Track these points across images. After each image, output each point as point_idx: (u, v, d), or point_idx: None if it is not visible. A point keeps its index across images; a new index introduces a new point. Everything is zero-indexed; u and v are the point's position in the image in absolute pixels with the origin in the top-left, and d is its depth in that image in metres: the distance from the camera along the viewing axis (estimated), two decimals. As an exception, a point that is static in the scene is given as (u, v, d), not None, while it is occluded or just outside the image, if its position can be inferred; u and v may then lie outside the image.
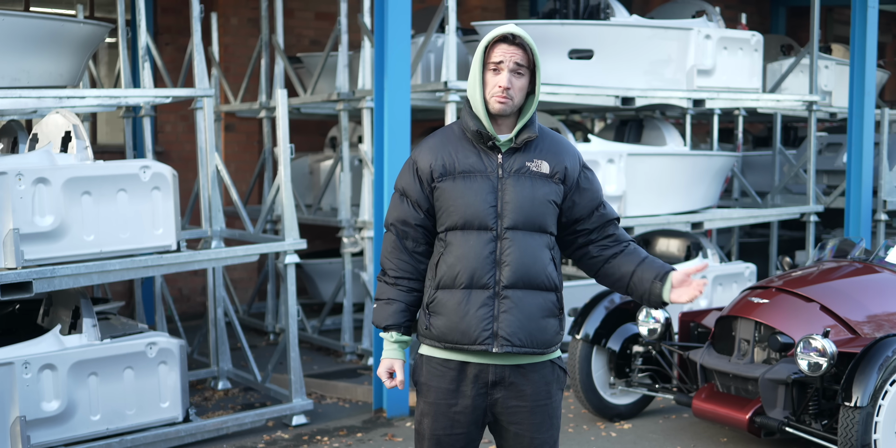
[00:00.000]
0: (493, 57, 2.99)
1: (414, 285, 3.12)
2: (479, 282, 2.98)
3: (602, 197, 3.17)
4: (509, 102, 2.99)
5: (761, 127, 12.64)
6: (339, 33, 7.52)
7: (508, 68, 2.97)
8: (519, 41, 2.98)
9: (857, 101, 8.38)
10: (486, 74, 3.01)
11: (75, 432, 5.04)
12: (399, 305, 3.12)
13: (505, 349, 2.97)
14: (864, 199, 8.39)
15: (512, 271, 2.98)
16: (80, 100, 5.84)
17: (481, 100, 3.01)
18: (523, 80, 3.01)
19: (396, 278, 3.12)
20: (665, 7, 9.19)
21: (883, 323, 5.29)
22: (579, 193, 3.10)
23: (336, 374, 7.17)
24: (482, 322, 2.98)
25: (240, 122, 9.64)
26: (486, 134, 3.01)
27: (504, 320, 2.98)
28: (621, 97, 7.27)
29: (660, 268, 3.09)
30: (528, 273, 2.99)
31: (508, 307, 2.98)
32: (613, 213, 3.19)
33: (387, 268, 3.14)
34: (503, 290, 2.98)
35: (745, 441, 5.60)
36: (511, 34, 2.98)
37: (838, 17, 14.92)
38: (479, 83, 3.01)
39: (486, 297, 2.99)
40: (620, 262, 3.13)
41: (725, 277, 7.95)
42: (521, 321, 2.98)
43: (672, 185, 7.80)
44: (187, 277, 9.35)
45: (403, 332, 3.13)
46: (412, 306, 3.14)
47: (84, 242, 5.08)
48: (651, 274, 3.08)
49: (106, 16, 9.05)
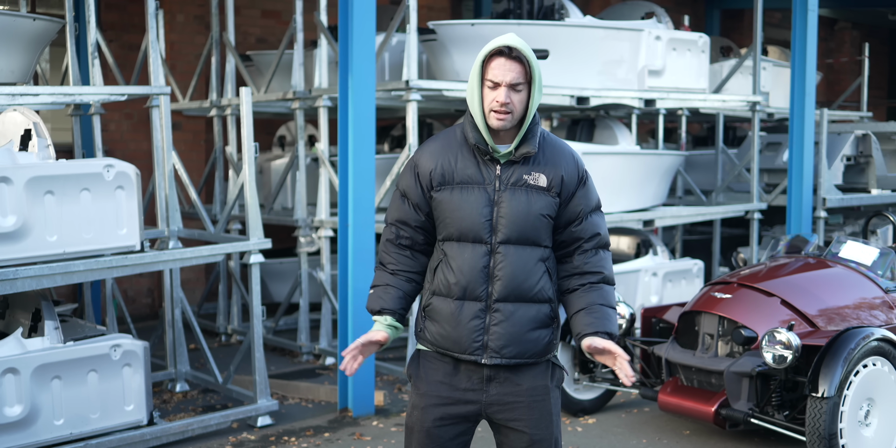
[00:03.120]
0: (489, 74, 2.94)
1: (413, 277, 3.13)
2: (472, 294, 3.00)
3: (585, 214, 3.07)
4: (508, 117, 2.96)
5: (699, 127, 12.91)
6: (294, 31, 7.46)
7: (505, 86, 2.93)
8: (516, 55, 2.93)
9: (797, 101, 8.62)
10: (484, 89, 2.97)
11: (38, 437, 4.92)
12: (396, 292, 3.11)
13: (494, 361, 3.01)
14: (805, 197, 8.64)
15: (503, 285, 2.99)
16: (33, 97, 5.67)
17: (480, 113, 2.99)
18: (522, 94, 2.97)
19: (395, 270, 3.13)
20: (614, 8, 9.34)
21: (835, 316, 5.46)
22: (566, 204, 3.07)
23: (294, 374, 7.12)
24: (473, 333, 3.00)
25: (186, 121, 9.49)
26: (484, 149, 3.02)
27: (494, 333, 3.00)
28: (576, 97, 7.36)
29: (582, 327, 3.03)
30: (520, 287, 3.01)
31: (499, 320, 3.00)
32: (589, 233, 3.07)
33: (385, 262, 3.15)
34: (495, 303, 3.00)
35: (708, 433, 5.73)
36: (507, 47, 2.93)
37: (768, 19, 15.33)
38: (478, 96, 2.98)
39: (479, 310, 3.01)
40: (568, 302, 3.10)
41: (675, 274, 8.12)
42: (511, 334, 3.00)
43: (624, 183, 7.93)
44: (132, 278, 9.17)
45: (397, 319, 3.10)
46: (409, 295, 3.12)
47: (47, 243, 4.96)
48: (576, 329, 3.05)
49: (48, 11, 8.82)
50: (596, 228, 3.09)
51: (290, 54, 7.75)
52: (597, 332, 3.00)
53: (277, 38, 9.83)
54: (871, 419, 4.98)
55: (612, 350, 2.95)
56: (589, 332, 3.01)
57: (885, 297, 5.68)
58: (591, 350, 3.00)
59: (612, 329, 3.03)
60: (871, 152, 9.22)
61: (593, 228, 3.09)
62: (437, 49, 7.40)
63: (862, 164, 9.38)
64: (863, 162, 9.36)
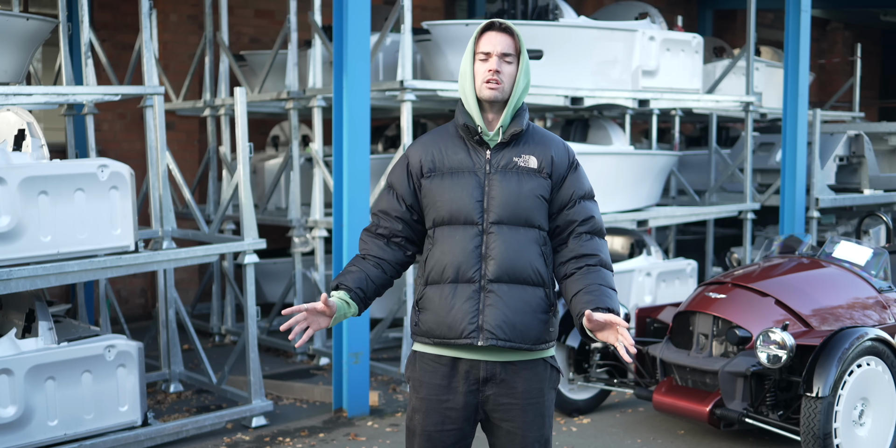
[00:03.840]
0: (481, 46, 3.06)
1: (382, 264, 3.12)
2: (464, 276, 3.01)
3: (577, 197, 3.09)
4: (499, 88, 3.03)
5: (693, 127, 12.93)
6: (288, 31, 7.46)
7: (496, 55, 3.04)
8: (505, 27, 3.07)
9: (791, 102, 8.64)
10: (476, 63, 3.07)
11: (32, 438, 4.90)
12: (361, 273, 3.09)
13: (490, 342, 2.97)
14: (798, 197, 8.67)
15: (497, 265, 3.00)
16: (26, 97, 5.66)
17: (472, 91, 3.06)
18: (512, 67, 3.06)
19: (366, 254, 3.15)
20: (608, 9, 9.35)
21: (829, 316, 5.48)
22: (559, 188, 3.10)
23: (289, 374, 7.11)
24: (468, 315, 3.00)
25: (179, 121, 9.47)
26: (474, 127, 3.05)
27: (489, 313, 2.99)
28: (570, 97, 7.37)
29: (582, 305, 2.97)
30: (514, 267, 3.01)
31: (494, 301, 2.99)
32: (583, 215, 3.07)
33: (361, 248, 3.19)
34: (488, 283, 3.00)
35: (702, 433, 5.74)
36: (497, 22, 3.08)
37: (761, 20, 15.37)
38: (470, 73, 3.07)
39: (472, 291, 3.01)
40: (566, 287, 3.07)
41: (668, 274, 8.13)
42: (505, 315, 2.99)
43: (619, 183, 7.94)
44: (125, 279, 9.14)
45: (352, 296, 3.04)
46: (372, 280, 3.09)
47: (41, 243, 4.95)
48: (576, 309, 3.00)
49: (41, 11, 8.79)
50: (590, 212, 3.10)
51: (284, 54, 7.74)
52: (597, 308, 2.92)
53: (271, 38, 9.81)
54: (866, 419, 4.99)
55: (613, 320, 2.84)
56: (589, 308, 2.92)
57: (878, 296, 5.69)
58: (593, 325, 2.87)
59: (612, 305, 2.94)
60: (863, 153, 9.25)
61: (587, 211, 3.09)
62: (432, 49, 7.40)
63: (854, 165, 9.42)
64: (855, 162, 9.40)
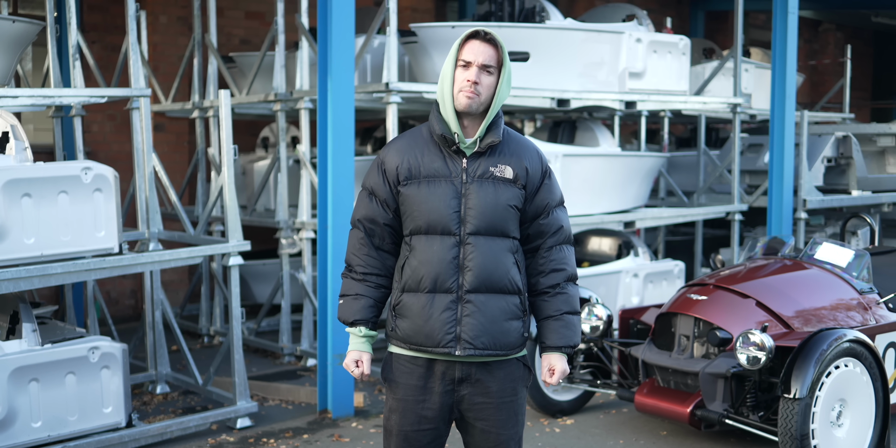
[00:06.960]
0: (463, 54, 3.07)
1: (382, 281, 3.17)
2: (442, 286, 3.04)
3: (551, 207, 3.15)
4: (476, 98, 3.04)
5: (683, 128, 12.96)
6: (275, 33, 7.48)
7: (477, 65, 3.04)
8: (489, 37, 3.07)
9: (778, 103, 8.67)
10: (457, 70, 3.08)
11: (16, 440, 4.92)
12: (367, 301, 3.16)
13: (468, 352, 3.04)
14: (786, 199, 8.70)
15: (475, 276, 3.03)
16: (12, 99, 5.69)
17: (450, 96, 3.07)
18: (492, 78, 3.07)
19: (364, 274, 3.16)
20: (596, 11, 9.38)
21: (811, 317, 5.50)
22: (532, 198, 3.14)
23: (276, 375, 7.13)
24: (445, 325, 3.04)
25: (169, 122, 9.49)
26: (451, 138, 3.06)
27: (467, 324, 3.04)
28: (557, 99, 7.40)
29: (548, 338, 3.19)
30: (491, 277, 3.05)
31: (471, 311, 3.04)
32: (554, 227, 3.15)
33: (354, 264, 3.18)
34: (466, 294, 3.04)
35: (684, 434, 5.77)
36: (482, 31, 3.08)
37: (753, 21, 15.41)
38: (449, 80, 3.07)
39: (450, 301, 3.04)
40: (536, 307, 3.22)
41: (656, 275, 8.16)
42: (483, 325, 3.04)
43: (606, 185, 7.96)
44: (115, 280, 9.16)
45: (371, 327, 3.18)
46: (380, 302, 3.19)
47: (24, 245, 4.97)
48: (542, 337, 3.22)
49: (31, 13, 8.81)
50: (560, 222, 3.19)
51: (272, 56, 7.76)
52: (560, 348, 3.18)
53: (261, 40, 9.82)
54: (844, 420, 5.02)
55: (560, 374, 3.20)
56: (553, 347, 3.18)
57: (859, 298, 5.72)
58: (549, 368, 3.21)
59: (574, 341, 3.19)
60: (851, 154, 9.28)
61: (558, 222, 3.19)
62: (418, 51, 7.43)
63: (842, 166, 9.45)
64: (843, 163, 9.43)
